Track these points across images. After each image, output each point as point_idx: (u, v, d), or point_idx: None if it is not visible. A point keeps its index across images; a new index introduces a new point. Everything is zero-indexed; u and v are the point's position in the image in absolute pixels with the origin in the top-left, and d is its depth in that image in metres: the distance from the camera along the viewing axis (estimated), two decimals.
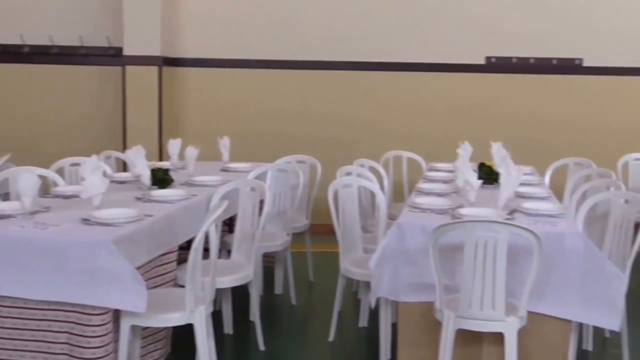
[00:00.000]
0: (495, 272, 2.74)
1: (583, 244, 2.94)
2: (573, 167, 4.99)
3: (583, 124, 6.25)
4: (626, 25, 6.22)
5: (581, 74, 6.25)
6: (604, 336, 3.81)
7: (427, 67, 6.26)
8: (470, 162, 4.50)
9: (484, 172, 4.10)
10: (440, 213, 3.32)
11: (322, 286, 4.82)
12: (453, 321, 2.85)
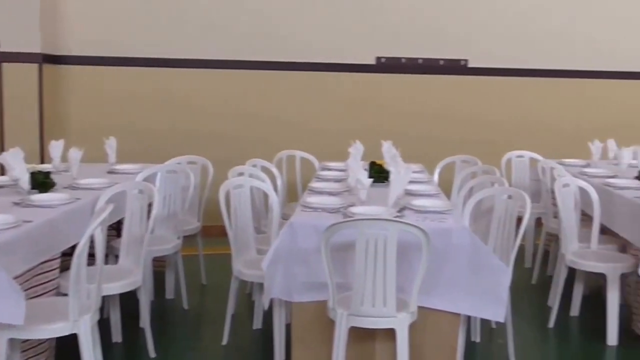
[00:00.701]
0: (386, 269, 2.77)
1: (469, 239, 3.03)
2: (460, 165, 5.15)
3: (469, 122, 6.48)
4: (508, 29, 6.50)
5: (466, 74, 6.48)
6: (490, 327, 3.95)
7: (318, 66, 6.29)
8: (362, 160, 4.56)
9: (375, 170, 4.15)
10: (332, 212, 3.32)
11: (215, 289, 4.73)
12: (346, 319, 2.86)
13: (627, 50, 6.68)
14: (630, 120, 6.66)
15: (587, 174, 4.80)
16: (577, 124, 6.59)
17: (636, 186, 4.26)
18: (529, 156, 5.63)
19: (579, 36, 6.60)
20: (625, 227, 4.01)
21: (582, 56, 6.63)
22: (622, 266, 3.84)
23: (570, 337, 4.06)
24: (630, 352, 3.73)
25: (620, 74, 6.71)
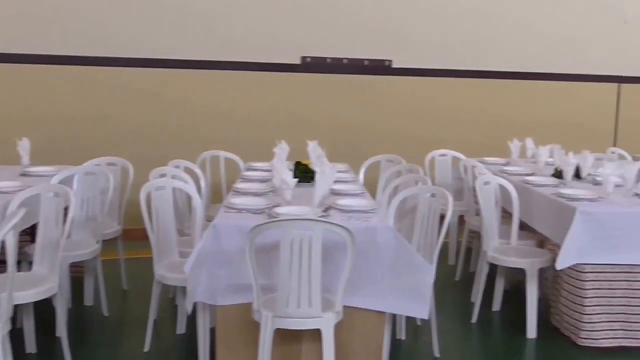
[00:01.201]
0: (311, 269, 2.75)
1: (394, 237, 3.04)
2: (385, 164, 5.19)
3: (393, 122, 6.54)
4: (432, 30, 6.60)
5: (391, 75, 6.54)
6: (416, 325, 3.98)
7: (243, 65, 6.21)
8: (287, 160, 4.53)
9: (300, 170, 4.12)
10: (257, 213, 3.28)
11: (136, 294, 4.59)
12: (271, 321, 2.82)
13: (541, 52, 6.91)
14: (547, 119, 6.88)
15: (506, 172, 4.92)
16: (497, 123, 6.75)
17: (553, 183, 4.39)
18: (452, 155, 5.73)
19: (496, 38, 6.77)
20: (542, 223, 4.14)
21: (501, 58, 6.81)
22: (540, 261, 3.95)
23: (492, 331, 4.14)
24: (548, 344, 3.84)
25: (537, 75, 6.93)
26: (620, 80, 7.33)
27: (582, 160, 4.62)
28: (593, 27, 7.10)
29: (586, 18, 7.07)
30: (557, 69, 7.03)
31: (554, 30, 6.96)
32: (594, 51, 7.15)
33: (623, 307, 3.71)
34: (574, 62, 7.08)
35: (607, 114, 7.36)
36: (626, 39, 7.25)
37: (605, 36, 7.13)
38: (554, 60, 7.01)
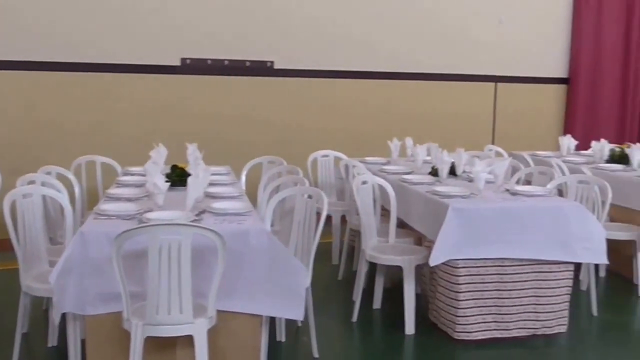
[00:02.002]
0: (181, 275, 2.68)
1: (267, 240, 3.01)
2: (266, 166, 5.17)
3: (276, 123, 6.52)
4: (312, 31, 6.64)
5: (272, 76, 6.52)
6: (297, 326, 3.98)
7: (120, 68, 6.01)
8: (165, 164, 4.42)
9: (177, 174, 4.03)
10: (127, 219, 3.17)
11: (6, 307, 4.32)
12: (141, 329, 2.72)
13: (422, 52, 7.11)
14: (431, 118, 7.09)
15: (386, 171, 5.01)
16: (379, 123, 6.88)
17: (428, 181, 4.51)
18: (334, 155, 5.78)
19: (380, 39, 6.91)
20: (419, 220, 4.24)
21: (384, 58, 6.95)
22: (417, 258, 4.04)
23: (372, 329, 4.20)
24: (425, 339, 3.93)
25: (420, 75, 7.14)
26: (497, 80, 7.66)
27: (457, 158, 4.77)
28: (470, 28, 7.38)
29: (464, 19, 7.34)
30: (439, 69, 7.25)
31: (434, 30, 7.19)
32: (471, 51, 7.43)
33: (495, 300, 3.86)
34: (454, 62, 7.33)
35: (485, 112, 7.67)
36: (502, 40, 7.58)
37: (481, 37, 7.44)
38: (436, 60, 7.24)
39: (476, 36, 7.41)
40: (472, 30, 7.39)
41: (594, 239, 3.87)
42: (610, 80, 8.13)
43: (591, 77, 8.03)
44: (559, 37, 7.98)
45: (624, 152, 5.59)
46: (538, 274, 3.87)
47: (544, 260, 3.85)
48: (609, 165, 5.50)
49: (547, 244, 3.82)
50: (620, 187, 4.98)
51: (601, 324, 4.28)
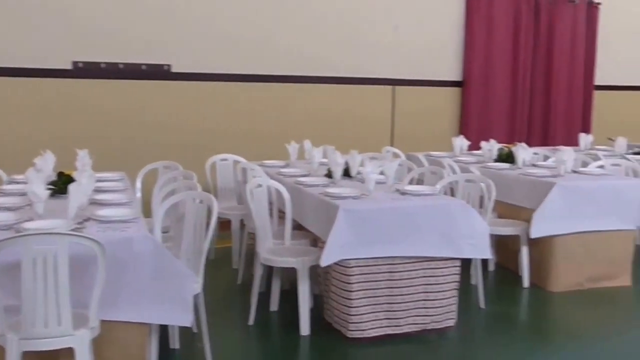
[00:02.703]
0: (58, 285, 2.60)
1: (152, 246, 2.97)
2: (162, 170, 5.10)
3: (174, 127, 6.44)
4: (211, 33, 6.60)
5: (170, 80, 6.44)
6: (192, 332, 3.93)
7: (7, 71, 5.78)
8: (54, 171, 4.28)
9: (63, 181, 3.91)
10: (4, 229, 3.04)
11: None
12: (17, 344, 2.62)
13: (323, 56, 7.20)
14: (326, 120, 7.18)
15: (283, 174, 5.04)
16: (279, 126, 6.91)
17: (323, 183, 4.57)
18: (233, 159, 5.76)
19: (277, 43, 6.94)
20: (313, 222, 4.29)
21: (283, 62, 6.99)
22: (311, 259, 4.08)
23: (269, 331, 4.21)
24: (320, 339, 3.97)
25: (320, 78, 7.22)
26: (394, 83, 7.84)
27: (350, 160, 4.85)
28: (368, 32, 7.52)
29: (362, 22, 7.47)
30: (338, 72, 7.36)
31: (333, 33, 7.28)
32: (370, 55, 7.57)
33: (386, 298, 3.94)
34: (352, 65, 7.45)
35: (384, 114, 7.83)
36: (399, 44, 7.77)
37: (379, 40, 7.59)
38: (335, 63, 7.33)
39: (374, 40, 7.56)
40: (370, 34, 7.54)
41: (478, 235, 4.02)
42: (501, 82, 8.49)
43: (483, 80, 8.36)
44: (453, 41, 8.25)
45: (510, 152, 5.83)
46: (427, 270, 3.99)
47: (432, 257, 3.98)
48: (496, 164, 5.73)
49: (434, 241, 3.94)
50: (506, 184, 5.21)
51: (488, 316, 4.46)
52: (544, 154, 6.58)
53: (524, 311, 4.77)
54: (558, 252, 4.90)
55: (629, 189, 5.09)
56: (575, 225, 4.88)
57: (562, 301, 4.78)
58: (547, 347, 4.02)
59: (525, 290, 4.95)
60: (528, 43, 8.69)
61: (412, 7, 7.84)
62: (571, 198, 4.86)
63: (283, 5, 6.99)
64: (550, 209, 4.82)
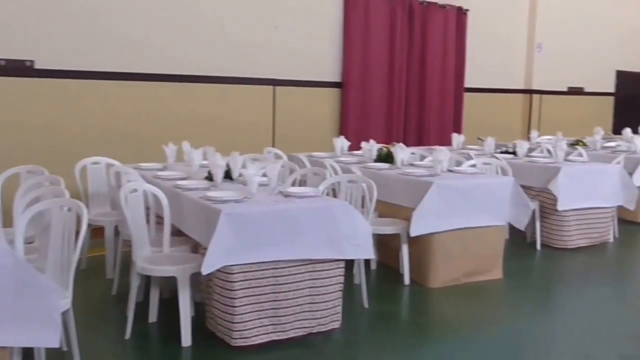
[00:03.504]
0: None
1: (11, 260, 2.70)
2: (25, 176, 4.73)
3: (37, 128, 6.02)
4: (79, 28, 6.23)
5: (32, 77, 6.01)
6: (61, 351, 3.63)
7: None
8: None
9: None
10: None
11: None
12: None
13: (202, 55, 7.00)
14: (205, 121, 6.99)
15: (161, 177, 4.82)
16: (156, 127, 6.65)
17: (203, 187, 4.40)
18: (106, 162, 5.44)
19: (153, 40, 6.68)
20: (193, 228, 4.11)
21: (159, 60, 6.74)
22: (192, 266, 3.90)
23: (148, 344, 4.00)
24: (202, 350, 3.81)
25: (200, 77, 7.02)
26: (275, 83, 7.76)
27: (232, 162, 4.71)
28: (248, 31, 7.40)
29: (242, 22, 7.34)
30: (217, 72, 7.18)
31: (212, 32, 7.11)
32: (250, 55, 7.45)
33: (271, 303, 3.85)
34: (232, 65, 7.30)
35: (265, 115, 7.74)
36: (279, 44, 7.70)
37: (259, 40, 7.49)
38: (214, 63, 7.16)
39: (255, 40, 7.46)
40: (251, 33, 7.43)
41: (360, 236, 4.01)
42: (378, 84, 8.65)
43: (361, 81, 8.48)
44: (333, 42, 8.31)
45: (389, 152, 5.92)
46: (312, 273, 3.94)
47: (316, 260, 3.92)
48: (376, 164, 5.79)
49: (318, 244, 3.89)
50: (386, 184, 5.27)
51: (372, 315, 4.48)
52: (421, 154, 6.74)
53: (405, 308, 4.83)
54: (436, 249, 5.01)
55: (499, 187, 5.30)
56: (451, 222, 5.01)
57: (440, 297, 4.90)
58: (428, 342, 4.11)
59: (406, 288, 5.02)
60: (403, 46, 8.90)
61: (293, 8, 7.81)
62: (447, 196, 4.99)
63: (161, 2, 6.73)
64: (428, 208, 4.92)
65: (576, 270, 5.75)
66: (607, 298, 5.05)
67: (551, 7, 10.95)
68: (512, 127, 10.72)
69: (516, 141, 7.18)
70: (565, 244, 6.17)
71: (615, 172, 6.44)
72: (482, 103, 10.16)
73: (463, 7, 9.66)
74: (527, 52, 11.01)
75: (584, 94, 11.77)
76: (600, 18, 11.74)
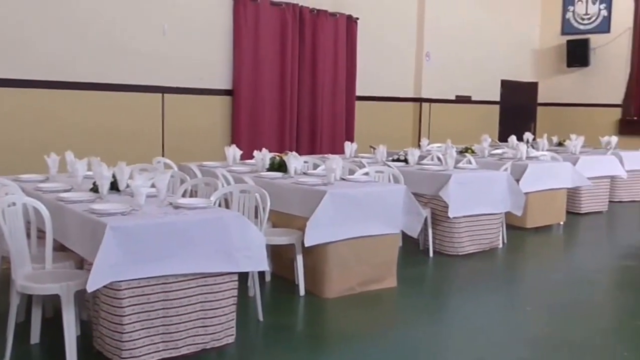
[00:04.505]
0: None
1: None
2: None
3: None
4: None
5: None
6: None
7: None
8: None
9: None
10: None
11: None
12: None
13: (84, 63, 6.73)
14: (90, 130, 6.72)
15: (42, 190, 4.58)
16: (37, 136, 6.32)
17: (88, 199, 4.20)
18: None
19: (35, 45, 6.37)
20: (77, 242, 3.92)
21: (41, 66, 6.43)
22: (76, 283, 3.70)
23: None
24: None
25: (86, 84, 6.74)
26: (164, 91, 7.58)
27: (118, 172, 4.52)
28: (134, 37, 7.19)
29: (127, 27, 7.12)
30: (102, 79, 6.93)
31: (95, 38, 6.85)
32: (136, 61, 7.24)
33: (162, 319, 3.71)
34: (117, 72, 7.07)
35: (154, 124, 7.55)
36: (167, 50, 7.53)
37: (145, 47, 7.29)
38: (98, 70, 6.90)
39: (141, 46, 7.25)
40: (136, 39, 7.22)
41: (254, 247, 3.95)
42: (270, 91, 8.64)
43: (252, 88, 8.44)
44: (223, 49, 8.23)
45: (282, 161, 5.89)
46: (203, 287, 3.83)
47: (208, 273, 3.83)
48: (269, 173, 5.75)
49: (210, 256, 3.80)
50: (280, 194, 5.24)
51: (267, 328, 4.41)
52: (314, 162, 6.76)
53: (301, 320, 4.80)
54: (331, 259, 5.01)
55: (391, 195, 5.38)
56: (345, 231, 5.03)
57: (336, 307, 4.90)
58: (323, 354, 4.10)
59: (301, 299, 4.99)
60: (294, 54, 8.94)
61: (181, 14, 7.66)
62: (341, 205, 5.01)
63: (44, 6, 6.40)
64: (322, 217, 4.91)
65: (468, 276, 5.92)
66: (498, 303, 5.21)
67: (438, 18, 11.35)
68: (403, 135, 11.01)
69: (407, 149, 7.33)
70: (456, 250, 6.34)
71: (503, 178, 6.69)
72: (374, 111, 10.37)
73: (353, 15, 9.82)
74: (416, 61, 11.35)
75: (472, 103, 12.27)
76: (485, 29, 12.30)
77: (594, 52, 13.32)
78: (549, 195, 7.67)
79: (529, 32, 13.74)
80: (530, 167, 7.42)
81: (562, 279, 5.91)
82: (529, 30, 13.74)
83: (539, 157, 8.20)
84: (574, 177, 7.96)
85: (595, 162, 8.88)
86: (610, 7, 13.24)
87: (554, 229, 7.84)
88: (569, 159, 8.38)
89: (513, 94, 13.26)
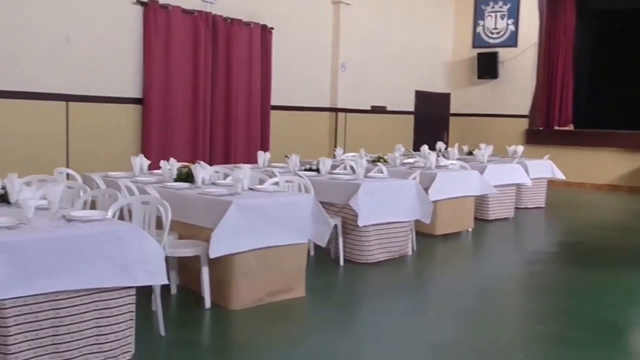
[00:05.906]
0: None
1: None
2: None
3: None
4: None
5: None
6: None
7: None
8: None
9: None
10: None
11: None
12: None
13: None
14: None
15: None
16: None
17: None
18: None
19: None
20: None
21: None
22: None
23: None
24: None
25: None
26: (68, 99, 7.31)
27: (9, 184, 4.29)
28: (35, 43, 6.91)
29: (29, 32, 6.83)
30: (5, 86, 6.62)
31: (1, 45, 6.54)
32: (38, 68, 6.96)
33: (52, 338, 3.52)
34: (18, 79, 6.77)
35: (57, 132, 7.26)
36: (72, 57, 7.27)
37: (48, 53, 7.02)
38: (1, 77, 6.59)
39: (43, 51, 6.97)
40: (40, 44, 6.93)
41: (152, 261, 3.81)
42: (182, 100, 8.47)
43: (164, 98, 8.25)
44: (132, 57, 8.02)
45: (190, 171, 5.76)
46: (98, 302, 3.66)
47: (104, 288, 3.66)
48: (176, 183, 5.61)
49: (105, 271, 3.63)
50: (186, 204, 5.11)
51: (168, 343, 4.27)
52: (224, 172, 6.65)
53: (205, 333, 4.68)
54: (237, 270, 4.91)
55: (299, 205, 5.33)
56: (252, 242, 4.94)
57: (242, 318, 4.80)
58: None
59: (207, 312, 4.86)
60: (207, 62, 8.82)
61: (86, 18, 7.42)
62: (248, 215, 4.92)
63: None
64: (228, 227, 4.81)
65: (377, 284, 5.94)
66: (405, 310, 5.21)
67: (353, 29, 11.47)
68: (319, 144, 11.03)
69: (319, 158, 7.31)
70: (366, 258, 6.35)
71: (411, 187, 6.76)
72: (290, 121, 10.34)
73: (268, 24, 9.78)
74: (332, 72, 11.41)
75: (387, 113, 12.44)
76: (400, 42, 12.52)
77: (502, 64, 13.77)
78: (457, 203, 7.82)
79: (442, 45, 14.09)
80: (439, 176, 7.55)
81: (469, 285, 6.01)
82: (442, 43, 14.09)
83: (448, 165, 8.36)
84: (482, 185, 8.16)
85: (501, 170, 9.14)
86: (517, 23, 13.75)
87: (463, 236, 8.00)
88: (477, 167, 8.58)
89: (427, 104, 13.54)
